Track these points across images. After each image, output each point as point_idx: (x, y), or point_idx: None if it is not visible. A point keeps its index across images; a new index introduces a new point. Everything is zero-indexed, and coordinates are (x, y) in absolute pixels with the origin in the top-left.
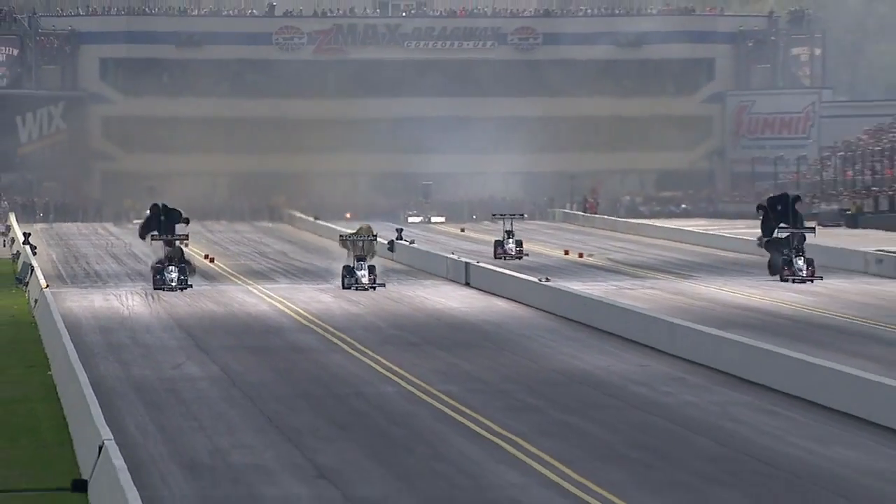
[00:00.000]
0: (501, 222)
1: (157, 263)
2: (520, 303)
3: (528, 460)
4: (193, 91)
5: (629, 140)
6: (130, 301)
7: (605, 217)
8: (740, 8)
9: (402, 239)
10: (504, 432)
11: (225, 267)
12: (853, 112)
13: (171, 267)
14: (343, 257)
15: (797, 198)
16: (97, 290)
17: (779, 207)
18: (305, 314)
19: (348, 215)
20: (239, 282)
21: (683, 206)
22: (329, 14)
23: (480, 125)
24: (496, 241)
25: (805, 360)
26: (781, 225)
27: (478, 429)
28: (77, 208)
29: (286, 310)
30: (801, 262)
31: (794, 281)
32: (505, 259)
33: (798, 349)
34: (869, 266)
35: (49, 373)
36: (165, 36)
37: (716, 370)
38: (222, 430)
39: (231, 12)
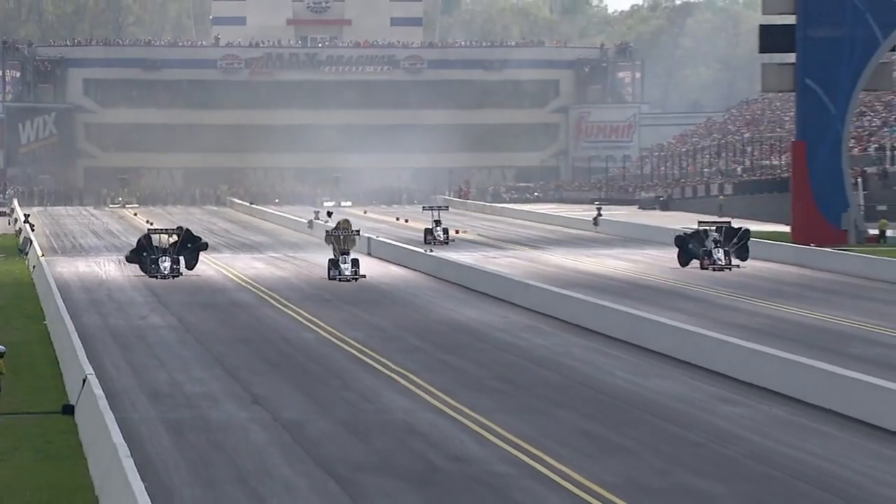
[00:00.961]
0: (430, 213)
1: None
2: (410, 268)
3: (417, 390)
4: (156, 104)
5: (494, 142)
6: (107, 267)
7: (476, 202)
8: (579, 41)
9: (318, 220)
10: (398, 368)
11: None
12: (665, 122)
13: (164, 257)
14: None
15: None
16: (81, 259)
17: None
18: (243, 277)
19: (276, 201)
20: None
21: (536, 193)
22: (261, 45)
23: (379, 131)
24: (426, 228)
25: (628, 312)
26: (700, 220)
27: (377, 366)
28: (65, 195)
29: (228, 274)
30: (720, 253)
31: (714, 269)
32: (434, 244)
33: (623, 304)
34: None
35: (44, 322)
36: (134, 61)
37: (560, 320)
38: (178, 366)
39: (185, 43)
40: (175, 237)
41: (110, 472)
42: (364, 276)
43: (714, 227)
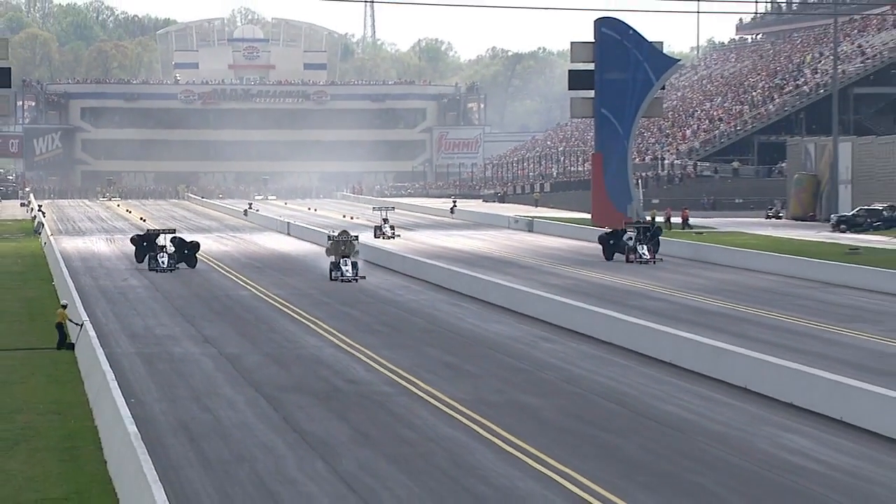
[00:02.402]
0: (379, 212)
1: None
2: (320, 245)
3: (323, 333)
4: (133, 125)
5: (378, 154)
6: (99, 244)
7: (366, 196)
8: (439, 81)
9: (251, 209)
10: (309, 317)
11: (153, 225)
12: (501, 139)
13: (163, 254)
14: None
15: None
16: (79, 238)
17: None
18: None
19: (221, 196)
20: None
21: (409, 191)
22: (210, 83)
23: (296, 145)
24: (375, 226)
25: (474, 276)
26: (626, 222)
27: (295, 315)
28: (68, 191)
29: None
30: (642, 249)
31: (639, 263)
32: (383, 239)
33: (472, 270)
34: (510, 224)
35: (53, 283)
36: (117, 95)
37: (428, 282)
38: (150, 315)
39: (154, 82)
40: (172, 238)
41: (101, 392)
42: (364, 277)
43: (634, 228)
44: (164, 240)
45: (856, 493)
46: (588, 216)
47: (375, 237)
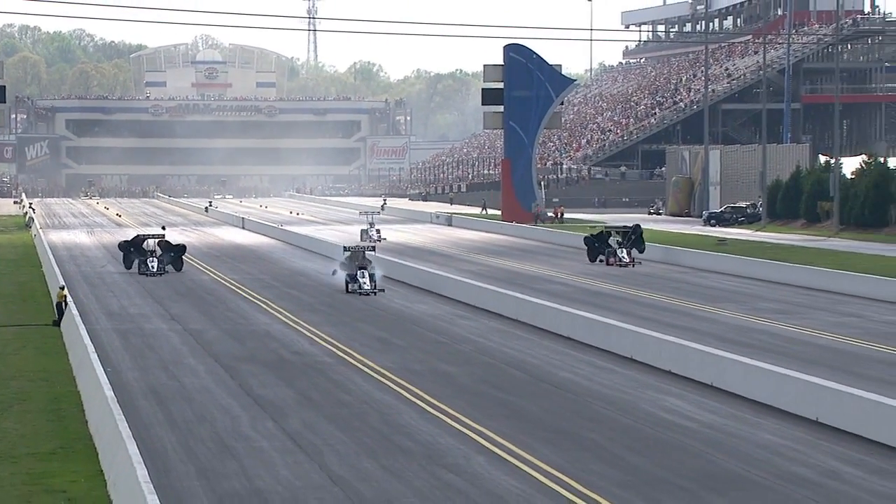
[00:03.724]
0: (365, 216)
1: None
2: (271, 237)
3: (272, 311)
4: (110, 135)
5: (320, 159)
6: (81, 236)
7: (309, 195)
8: (372, 97)
9: (211, 206)
10: (260, 298)
11: (127, 220)
12: (425, 147)
13: (153, 258)
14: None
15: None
16: (64, 231)
17: (597, 244)
18: None
19: (185, 195)
20: (135, 227)
21: (346, 191)
22: (175, 99)
23: (249, 152)
24: (362, 229)
25: (398, 262)
26: (606, 226)
27: (247, 297)
28: (54, 191)
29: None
30: (622, 253)
31: (619, 266)
32: (369, 242)
33: (397, 258)
34: (433, 219)
35: (41, 269)
36: (97, 109)
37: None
38: (124, 296)
39: (128, 98)
40: (159, 242)
41: (83, 362)
42: (383, 290)
43: (616, 231)
44: (151, 244)
45: (723, 446)
46: (498, 213)
47: (361, 240)
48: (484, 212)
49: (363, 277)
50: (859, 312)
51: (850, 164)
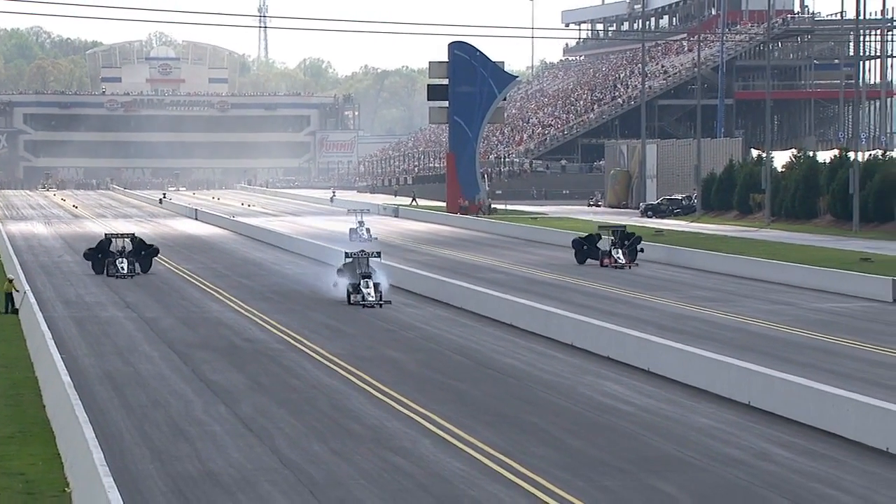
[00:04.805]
0: (354, 215)
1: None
2: (223, 228)
3: (224, 299)
4: (67, 129)
5: (271, 152)
6: (39, 227)
7: (262, 188)
8: (321, 93)
9: (165, 198)
10: (213, 287)
11: (84, 212)
12: (372, 141)
13: (122, 259)
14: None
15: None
16: (23, 222)
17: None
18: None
19: (140, 190)
20: (91, 218)
21: (296, 183)
22: (130, 94)
23: (202, 146)
24: (350, 228)
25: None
26: (600, 226)
27: (201, 286)
28: (12, 184)
29: (111, 231)
30: (618, 253)
31: (614, 267)
32: (359, 241)
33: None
34: (380, 211)
35: (1, 260)
36: (53, 104)
37: (312, 258)
38: (80, 285)
39: (84, 93)
40: (129, 241)
41: (40, 349)
42: (389, 302)
43: (610, 232)
44: (119, 244)
45: (659, 429)
46: (443, 204)
47: (350, 240)
48: (413, 203)
49: (367, 287)
50: (789, 300)
51: (781, 158)
